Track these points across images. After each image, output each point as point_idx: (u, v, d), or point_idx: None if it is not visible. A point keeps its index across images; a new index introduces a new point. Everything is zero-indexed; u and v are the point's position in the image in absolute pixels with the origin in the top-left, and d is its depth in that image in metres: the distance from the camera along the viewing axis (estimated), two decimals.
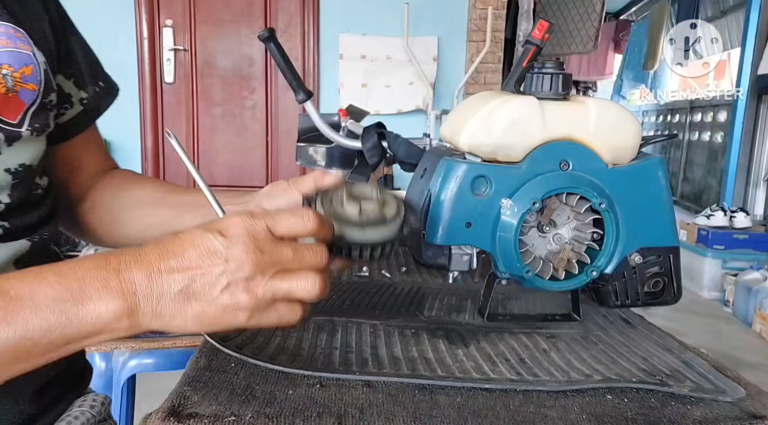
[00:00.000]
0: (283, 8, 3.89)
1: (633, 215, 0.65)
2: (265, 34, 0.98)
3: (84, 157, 0.75)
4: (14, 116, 0.58)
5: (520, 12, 4.09)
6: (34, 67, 0.60)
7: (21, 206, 0.61)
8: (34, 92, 0.60)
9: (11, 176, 0.59)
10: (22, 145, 0.60)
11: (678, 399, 0.55)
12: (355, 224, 0.55)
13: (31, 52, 0.60)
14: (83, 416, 0.64)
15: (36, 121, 0.60)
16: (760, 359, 2.99)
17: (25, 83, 0.59)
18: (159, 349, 1.31)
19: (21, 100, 0.58)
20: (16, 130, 0.58)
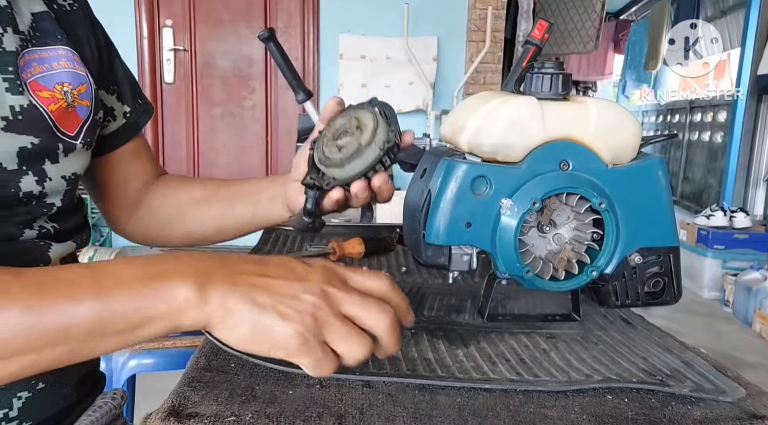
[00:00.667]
0: (282, 8, 3.89)
1: (633, 215, 0.65)
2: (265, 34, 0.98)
3: (134, 166, 0.81)
4: (73, 129, 0.65)
5: (520, 12, 4.09)
6: (88, 87, 0.66)
7: (68, 210, 0.67)
8: (88, 109, 0.66)
9: (66, 183, 0.65)
10: (75, 156, 0.66)
11: (678, 399, 0.55)
12: (337, 164, 0.59)
13: (85, 72, 0.67)
14: (106, 406, 0.71)
15: (88, 135, 0.67)
16: (760, 359, 2.99)
17: (81, 100, 0.65)
18: (159, 349, 1.31)
19: (79, 115, 0.65)
20: (72, 142, 0.64)
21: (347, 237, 1.05)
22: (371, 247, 1.02)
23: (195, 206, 0.79)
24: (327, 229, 1.28)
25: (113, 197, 0.81)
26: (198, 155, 4.05)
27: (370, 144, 0.58)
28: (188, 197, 0.80)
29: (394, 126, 0.60)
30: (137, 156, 0.81)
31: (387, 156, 0.59)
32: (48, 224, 0.65)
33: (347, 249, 1.00)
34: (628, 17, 8.25)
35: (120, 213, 0.82)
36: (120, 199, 0.81)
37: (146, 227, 0.82)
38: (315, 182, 0.62)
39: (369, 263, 1.01)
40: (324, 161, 0.60)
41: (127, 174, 0.80)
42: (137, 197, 0.81)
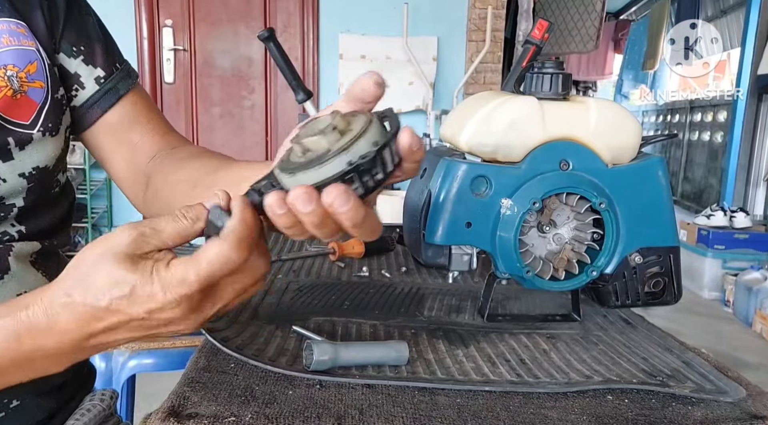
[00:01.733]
0: (282, 8, 3.89)
1: (633, 215, 0.65)
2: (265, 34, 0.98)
3: (127, 139, 0.70)
4: (27, 117, 0.57)
5: (520, 11, 4.09)
6: (40, 64, 0.58)
7: (40, 208, 0.61)
8: (42, 90, 0.58)
9: (26, 181, 0.58)
10: (35, 147, 0.58)
11: (679, 399, 0.55)
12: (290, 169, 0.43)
13: (35, 46, 0.58)
14: (95, 409, 0.67)
15: (49, 119, 0.59)
16: (761, 359, 2.99)
17: (32, 82, 0.57)
18: (159, 349, 1.31)
19: (32, 99, 0.57)
20: (26, 132, 0.57)
21: (347, 237, 1.04)
22: (371, 247, 1.02)
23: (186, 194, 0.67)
24: None
25: (117, 175, 0.72)
26: None
27: (339, 153, 0.41)
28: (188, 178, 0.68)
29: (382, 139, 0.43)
30: (130, 126, 0.70)
31: (359, 174, 0.42)
32: (13, 229, 0.59)
33: (347, 249, 1.00)
34: (628, 17, 8.25)
35: (131, 191, 0.73)
36: (124, 176, 0.71)
37: (155, 208, 0.72)
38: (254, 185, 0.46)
39: (369, 263, 1.00)
40: (281, 165, 0.45)
41: (121, 149, 0.70)
42: (144, 174, 0.71)
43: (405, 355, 0.58)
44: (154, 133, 0.71)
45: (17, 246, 0.59)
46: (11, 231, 0.59)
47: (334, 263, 0.99)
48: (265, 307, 0.74)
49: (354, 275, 0.93)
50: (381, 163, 0.42)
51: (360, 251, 1.00)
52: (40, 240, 0.62)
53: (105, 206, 3.93)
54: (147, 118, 0.71)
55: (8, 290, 0.57)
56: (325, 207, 0.41)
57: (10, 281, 0.57)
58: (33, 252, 0.61)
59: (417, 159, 0.43)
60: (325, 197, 0.40)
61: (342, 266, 0.98)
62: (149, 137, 0.71)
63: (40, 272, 0.61)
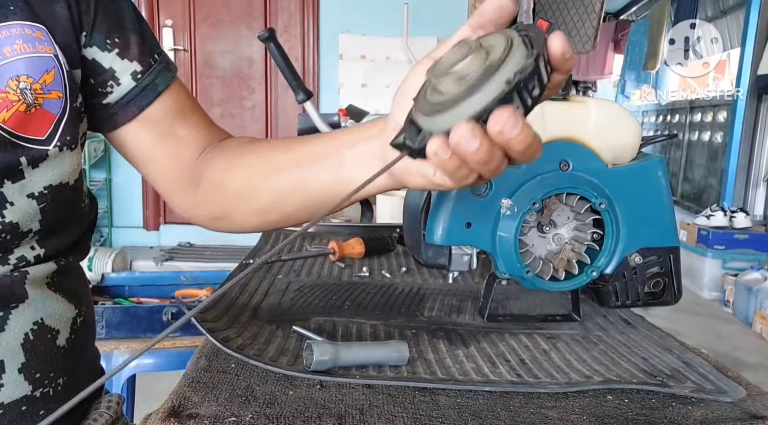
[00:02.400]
0: (282, 8, 3.89)
1: (633, 215, 0.65)
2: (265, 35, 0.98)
3: (173, 134, 0.63)
4: (43, 132, 0.52)
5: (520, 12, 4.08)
6: (57, 72, 0.53)
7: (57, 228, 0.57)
8: (60, 101, 0.53)
9: (35, 202, 0.53)
10: (50, 165, 0.53)
11: (679, 399, 0.55)
12: (440, 108, 0.39)
13: (53, 52, 0.52)
14: (102, 418, 0.64)
15: (67, 132, 0.54)
16: (761, 359, 2.99)
17: (48, 94, 0.52)
18: (159, 349, 1.31)
19: (49, 112, 0.52)
20: (41, 149, 0.52)
21: (347, 237, 1.05)
22: (371, 247, 1.02)
23: (266, 176, 0.59)
24: (327, 229, 1.29)
25: (159, 175, 0.65)
26: None
27: (494, 73, 0.37)
28: (257, 164, 0.60)
29: (536, 49, 0.38)
30: (174, 121, 0.63)
31: (518, 93, 0.38)
32: (31, 253, 0.55)
33: (347, 249, 1.00)
34: (628, 17, 8.26)
35: (177, 192, 0.65)
36: (169, 176, 0.64)
37: (212, 207, 0.64)
38: (407, 140, 0.42)
39: (369, 263, 1.01)
40: (424, 110, 0.41)
41: (165, 145, 0.63)
42: (194, 171, 0.64)
43: (405, 355, 0.58)
44: (200, 126, 0.65)
45: (32, 271, 0.55)
46: (29, 256, 0.55)
47: (335, 263, 0.99)
48: (265, 307, 0.74)
49: (354, 276, 0.93)
50: (537, 76, 0.38)
51: (360, 252, 1.00)
52: (56, 260, 0.57)
53: (105, 206, 3.94)
54: (191, 110, 0.65)
55: (25, 319, 0.54)
56: (493, 137, 0.37)
57: (26, 309, 0.54)
58: (49, 274, 0.57)
59: (569, 68, 0.40)
60: (493, 125, 0.37)
61: (342, 267, 0.98)
62: (195, 131, 0.64)
63: (58, 294, 0.58)
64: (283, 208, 0.59)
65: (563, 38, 0.39)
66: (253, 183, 0.60)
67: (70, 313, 0.59)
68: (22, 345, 0.53)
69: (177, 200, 0.66)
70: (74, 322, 0.59)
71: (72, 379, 0.58)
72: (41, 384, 0.55)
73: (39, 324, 0.55)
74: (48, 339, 0.55)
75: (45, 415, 0.55)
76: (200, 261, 3.64)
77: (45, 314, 0.55)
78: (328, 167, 0.54)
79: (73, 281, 0.61)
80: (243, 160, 0.61)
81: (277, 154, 0.59)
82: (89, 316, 0.63)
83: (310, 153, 0.56)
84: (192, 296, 1.51)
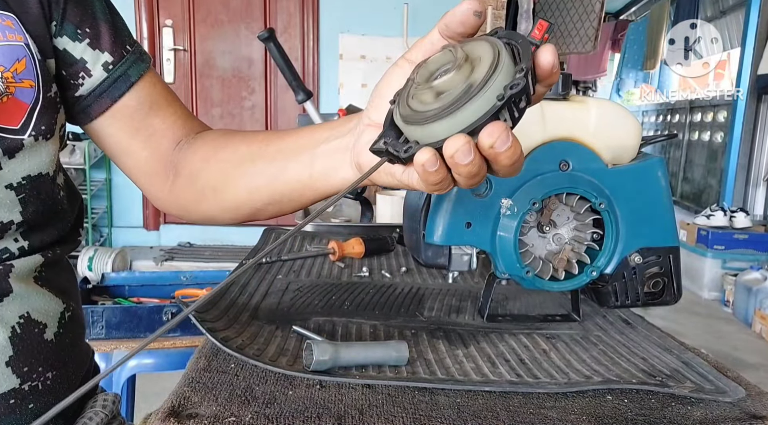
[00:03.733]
0: (282, 8, 3.89)
1: (633, 215, 0.65)
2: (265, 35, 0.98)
3: (146, 126, 0.63)
4: (16, 121, 0.52)
5: (520, 12, 4.08)
6: (28, 60, 0.52)
7: (41, 221, 0.56)
8: (32, 89, 0.53)
9: (14, 192, 0.53)
10: (27, 154, 0.53)
11: (678, 399, 0.55)
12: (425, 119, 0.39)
13: (23, 41, 0.52)
14: (97, 416, 0.63)
15: (42, 121, 0.54)
16: (761, 359, 2.99)
17: (19, 82, 0.52)
18: (159, 349, 1.31)
19: (21, 101, 0.52)
20: (16, 138, 0.52)
21: (347, 237, 1.05)
22: (371, 247, 1.02)
23: (240, 170, 0.59)
24: (326, 229, 1.29)
25: (135, 167, 0.65)
26: None
27: (482, 87, 0.37)
28: (233, 158, 0.61)
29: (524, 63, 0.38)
30: (150, 111, 0.63)
31: (507, 108, 0.38)
32: (15, 245, 0.54)
33: (347, 249, 1.00)
34: (627, 17, 8.25)
35: (154, 184, 0.65)
36: (145, 168, 0.64)
37: (187, 199, 0.64)
38: (389, 147, 0.42)
39: (369, 263, 1.01)
40: (407, 117, 0.41)
41: (140, 136, 0.63)
42: (171, 162, 0.64)
43: (405, 355, 0.58)
44: (176, 117, 0.65)
45: (18, 264, 0.54)
46: (12, 248, 0.54)
47: (335, 263, 0.99)
48: (265, 307, 0.74)
49: (354, 276, 0.93)
50: (526, 90, 0.38)
51: (360, 251, 1.00)
52: (43, 252, 0.57)
53: (105, 206, 3.94)
54: (167, 101, 0.65)
55: (11, 313, 0.54)
56: (484, 150, 0.38)
57: (12, 303, 0.54)
58: (36, 267, 0.57)
59: (555, 81, 0.40)
60: (484, 139, 0.37)
61: (342, 267, 0.98)
62: (171, 122, 0.64)
63: (44, 289, 0.58)
64: (254, 203, 0.60)
65: (553, 52, 0.39)
66: (226, 178, 0.60)
67: (58, 308, 0.59)
68: (9, 338, 0.53)
69: (154, 192, 0.66)
70: (62, 317, 0.59)
71: (62, 374, 0.59)
72: (29, 378, 0.55)
73: (25, 318, 0.55)
74: (35, 333, 0.55)
75: (34, 409, 0.55)
76: (200, 261, 3.65)
77: (31, 309, 0.55)
78: (301, 162, 0.55)
79: (61, 276, 0.61)
80: (218, 154, 0.61)
81: (252, 149, 0.60)
82: (78, 312, 0.63)
83: (286, 147, 0.57)
84: (192, 296, 1.51)
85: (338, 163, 0.52)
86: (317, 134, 0.55)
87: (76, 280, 0.65)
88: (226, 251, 3.88)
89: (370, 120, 0.48)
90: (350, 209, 1.54)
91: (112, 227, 4.03)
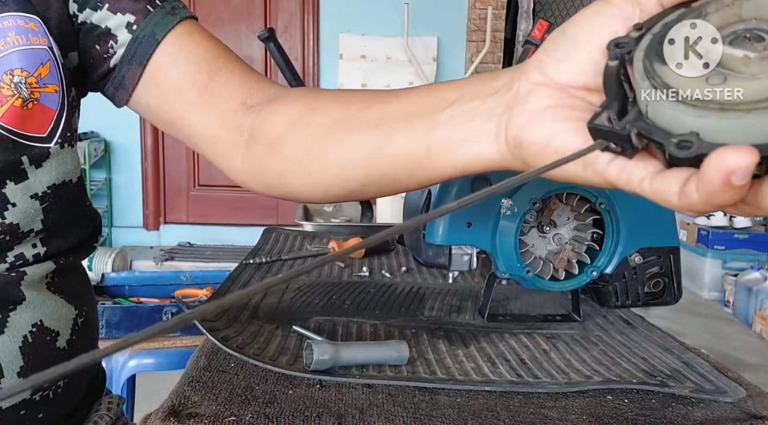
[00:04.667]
0: (282, 8, 3.89)
1: (633, 215, 0.65)
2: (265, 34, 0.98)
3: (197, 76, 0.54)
4: (44, 129, 0.49)
5: (520, 12, 4.09)
6: (52, 64, 0.50)
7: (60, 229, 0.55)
8: (57, 95, 0.50)
9: (38, 202, 0.51)
10: (53, 163, 0.51)
11: (678, 399, 0.55)
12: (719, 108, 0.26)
13: (47, 44, 0.49)
14: (102, 420, 0.62)
15: (68, 128, 0.51)
16: (761, 359, 2.99)
17: (43, 88, 0.49)
18: (159, 349, 1.31)
19: (47, 107, 0.50)
20: (44, 146, 0.50)
21: (347, 237, 1.05)
22: (371, 247, 1.02)
23: (331, 138, 0.48)
24: (326, 229, 1.29)
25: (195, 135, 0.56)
26: (198, 156, 4.05)
27: None
28: (324, 122, 0.49)
29: None
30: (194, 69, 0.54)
31: None
32: (31, 251, 0.53)
33: None
34: None
35: (222, 153, 0.55)
36: (207, 134, 0.55)
37: (268, 171, 0.53)
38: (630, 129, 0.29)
39: (369, 263, 1.01)
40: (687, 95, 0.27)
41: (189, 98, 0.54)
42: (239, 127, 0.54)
43: (405, 355, 0.58)
44: (229, 72, 0.55)
45: (30, 271, 0.52)
46: (28, 254, 0.52)
47: (335, 263, 0.99)
48: (265, 307, 0.74)
49: (354, 275, 0.93)
50: None
51: (360, 251, 1.00)
52: (56, 259, 0.55)
53: (105, 206, 3.94)
54: (213, 55, 0.55)
55: (24, 321, 0.52)
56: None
57: (25, 311, 0.52)
58: (48, 273, 0.55)
59: None
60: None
61: (342, 266, 0.98)
62: (223, 77, 0.55)
63: (57, 295, 0.56)
64: (347, 182, 0.48)
65: None
66: (313, 148, 0.49)
67: (71, 314, 0.57)
68: (20, 348, 0.52)
69: (226, 163, 0.56)
70: (75, 323, 0.58)
71: (73, 381, 0.58)
72: (41, 388, 0.53)
73: (38, 326, 0.53)
74: (47, 342, 0.54)
75: (42, 418, 0.54)
76: (200, 261, 3.64)
77: (44, 316, 0.54)
78: (415, 130, 0.42)
79: (73, 280, 0.60)
80: (305, 118, 0.50)
81: (348, 113, 0.47)
82: (91, 316, 0.62)
83: (394, 112, 0.44)
84: (192, 296, 1.51)
85: (472, 133, 0.38)
86: (439, 94, 0.41)
87: (89, 283, 0.64)
88: (226, 251, 3.88)
89: (545, 77, 0.34)
90: (350, 209, 1.54)
91: (112, 227, 4.03)
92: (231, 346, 0.58)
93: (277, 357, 0.58)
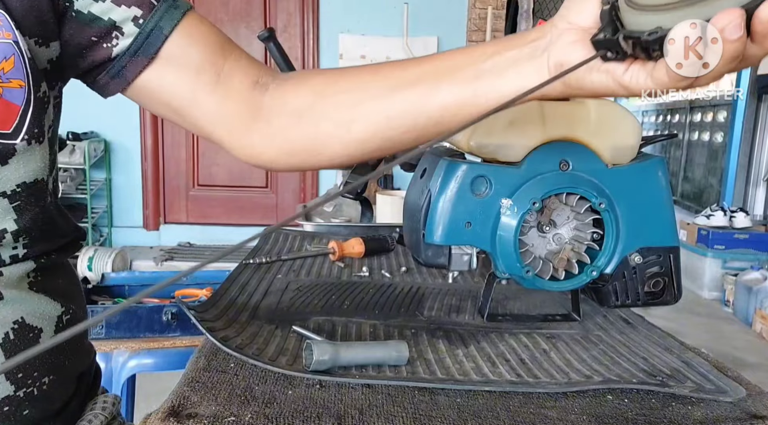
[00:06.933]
0: (282, 8, 3.89)
1: (633, 215, 0.65)
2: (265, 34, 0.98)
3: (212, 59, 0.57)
4: (8, 125, 0.49)
5: (520, 12, 4.09)
6: (17, 58, 0.48)
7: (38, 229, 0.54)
8: (22, 90, 0.49)
9: (8, 200, 0.51)
10: (20, 161, 0.50)
11: (679, 399, 0.55)
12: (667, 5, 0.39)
13: (12, 38, 0.48)
14: (96, 419, 0.62)
15: (34, 125, 0.51)
16: (761, 359, 2.99)
17: (7, 82, 0.48)
18: (159, 349, 1.31)
19: (11, 102, 0.49)
20: (9, 143, 0.49)
21: (347, 237, 1.05)
22: (371, 247, 1.02)
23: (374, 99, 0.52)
24: (326, 229, 1.28)
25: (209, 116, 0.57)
26: (198, 156, 4.05)
27: None
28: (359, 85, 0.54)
29: None
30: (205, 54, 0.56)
31: None
32: (7, 253, 0.52)
33: (347, 249, 1.00)
34: None
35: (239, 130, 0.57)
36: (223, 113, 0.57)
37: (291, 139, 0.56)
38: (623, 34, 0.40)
39: (369, 263, 1.00)
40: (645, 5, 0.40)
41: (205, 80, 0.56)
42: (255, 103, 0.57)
43: (405, 355, 0.58)
44: (238, 56, 0.59)
45: (7, 271, 0.52)
46: (4, 255, 0.52)
47: (334, 263, 0.99)
48: (264, 307, 0.74)
49: (354, 275, 0.93)
50: None
51: (360, 251, 1.00)
52: (36, 259, 0.55)
53: (105, 206, 3.94)
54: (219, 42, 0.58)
55: (3, 318, 0.52)
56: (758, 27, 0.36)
57: (3, 309, 0.52)
58: (28, 273, 0.54)
59: None
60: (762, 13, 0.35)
61: (342, 266, 0.98)
62: (234, 59, 0.58)
63: (40, 293, 0.56)
64: (389, 132, 0.52)
65: None
66: (354, 106, 0.53)
67: (55, 311, 0.57)
68: (1, 344, 0.52)
69: (239, 141, 0.58)
70: (60, 320, 0.57)
71: (59, 377, 0.57)
72: (24, 384, 0.53)
73: (20, 323, 0.53)
74: (30, 338, 0.54)
75: (29, 415, 0.54)
76: (200, 261, 3.64)
77: (26, 313, 0.54)
78: (460, 79, 0.48)
79: (58, 279, 0.59)
80: (338, 84, 0.54)
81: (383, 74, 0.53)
82: (79, 313, 0.61)
83: (434, 69, 0.50)
84: (192, 296, 1.51)
85: (517, 71, 0.46)
86: (477, 50, 0.48)
87: (77, 282, 0.64)
88: (219, 250, 3.88)
89: (570, 23, 0.44)
90: (350, 209, 1.54)
91: (112, 227, 4.03)
92: (230, 346, 0.58)
93: (277, 357, 0.58)
